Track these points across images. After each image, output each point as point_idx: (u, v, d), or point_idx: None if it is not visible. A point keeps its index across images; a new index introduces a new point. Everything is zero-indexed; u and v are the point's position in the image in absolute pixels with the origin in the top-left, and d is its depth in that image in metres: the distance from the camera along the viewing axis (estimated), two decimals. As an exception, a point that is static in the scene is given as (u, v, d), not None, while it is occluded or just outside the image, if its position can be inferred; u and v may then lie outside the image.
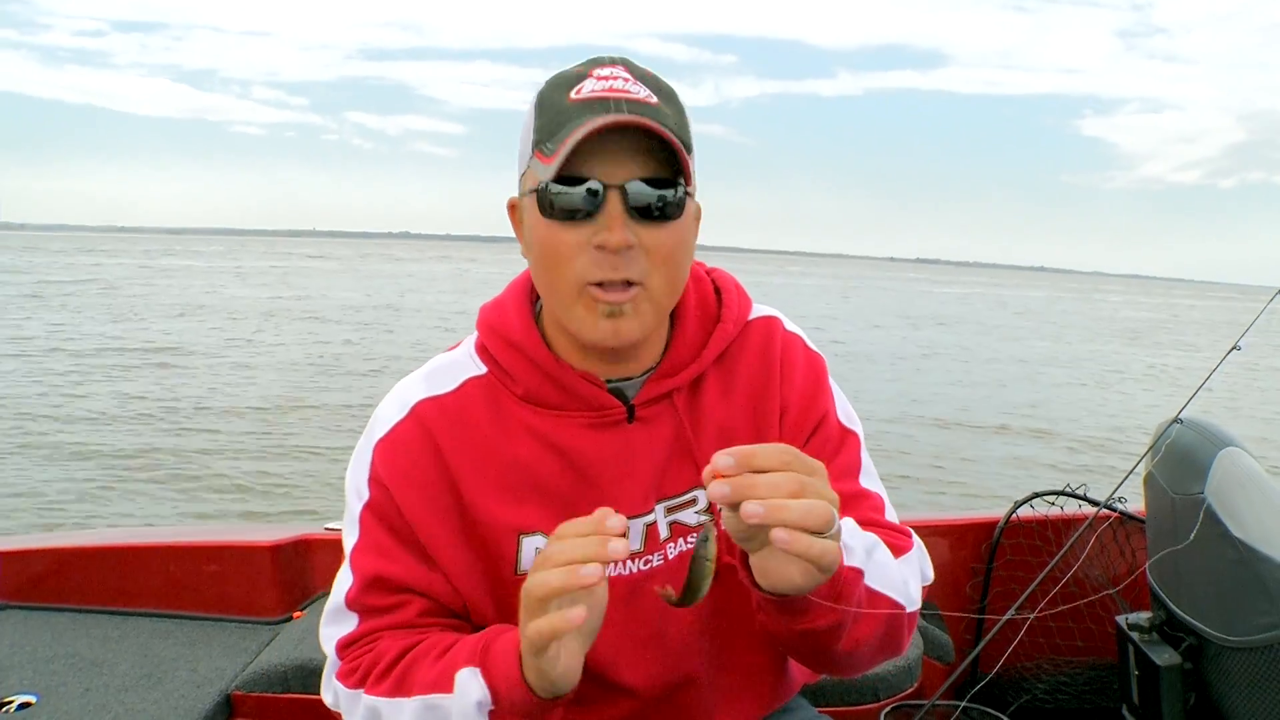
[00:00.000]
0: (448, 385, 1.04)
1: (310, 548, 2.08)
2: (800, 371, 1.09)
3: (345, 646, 1.01)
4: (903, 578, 1.00)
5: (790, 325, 1.13)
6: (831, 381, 1.12)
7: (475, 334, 1.08)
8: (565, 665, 0.83)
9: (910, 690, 1.92)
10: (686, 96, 1.01)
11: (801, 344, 1.12)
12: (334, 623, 1.02)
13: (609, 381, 1.02)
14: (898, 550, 1.02)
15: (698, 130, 1.01)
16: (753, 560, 0.85)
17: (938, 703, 1.92)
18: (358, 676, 0.98)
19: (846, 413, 1.12)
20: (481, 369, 1.04)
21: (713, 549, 0.83)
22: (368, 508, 1.01)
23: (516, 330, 1.02)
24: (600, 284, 0.92)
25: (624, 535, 0.79)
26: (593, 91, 0.92)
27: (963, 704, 1.86)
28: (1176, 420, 1.92)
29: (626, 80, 0.95)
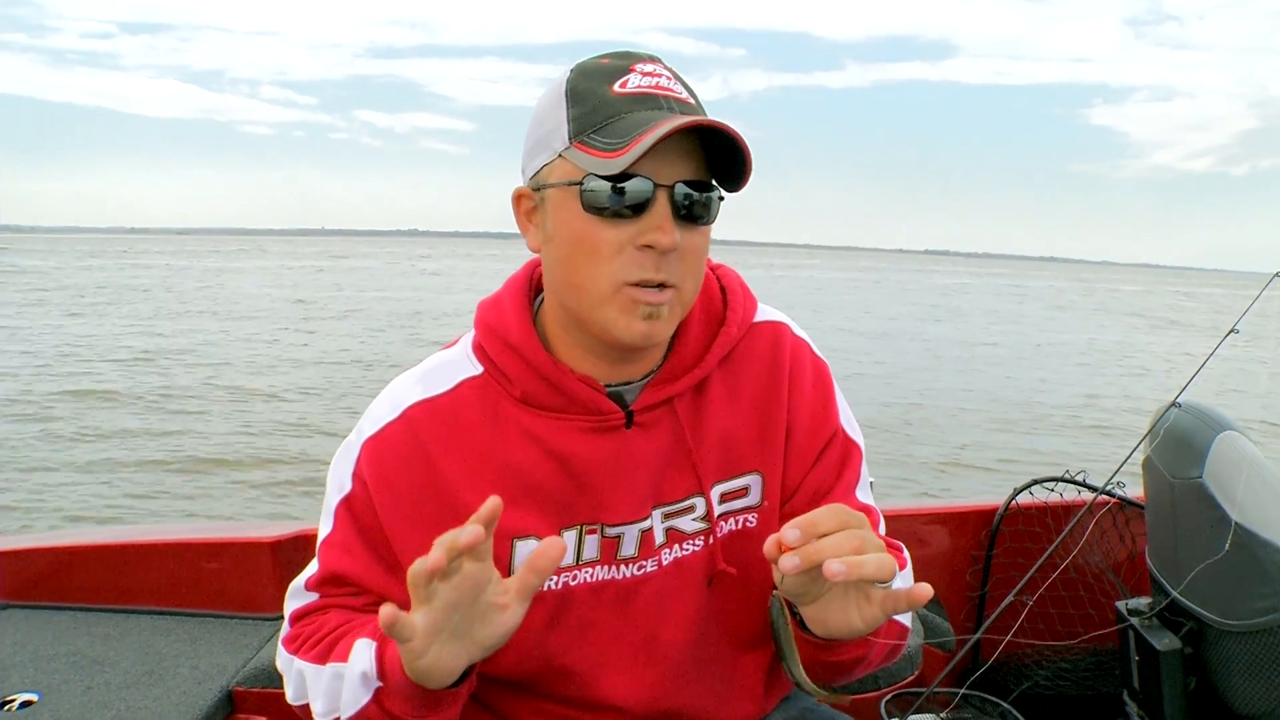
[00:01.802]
0: (442, 386, 1.02)
1: (310, 543, 2.08)
2: (809, 381, 1.09)
3: (298, 618, 1.04)
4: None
5: (798, 330, 1.12)
6: (837, 390, 1.12)
7: (473, 332, 1.06)
8: (431, 661, 0.82)
9: (911, 678, 1.93)
10: (695, 91, 1.00)
11: (809, 351, 1.11)
12: (294, 598, 1.06)
13: (608, 386, 1.01)
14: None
15: None
16: (808, 611, 0.87)
17: (938, 690, 1.92)
18: (298, 643, 1.02)
19: (850, 424, 1.12)
20: (478, 369, 1.02)
21: (786, 614, 0.89)
22: (344, 502, 1.02)
23: (514, 331, 1.00)
24: (638, 284, 0.91)
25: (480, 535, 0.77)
26: (639, 87, 0.91)
27: (963, 691, 1.86)
28: (1174, 404, 1.92)
29: (670, 79, 0.93)
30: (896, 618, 0.99)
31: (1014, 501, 2.33)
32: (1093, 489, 2.21)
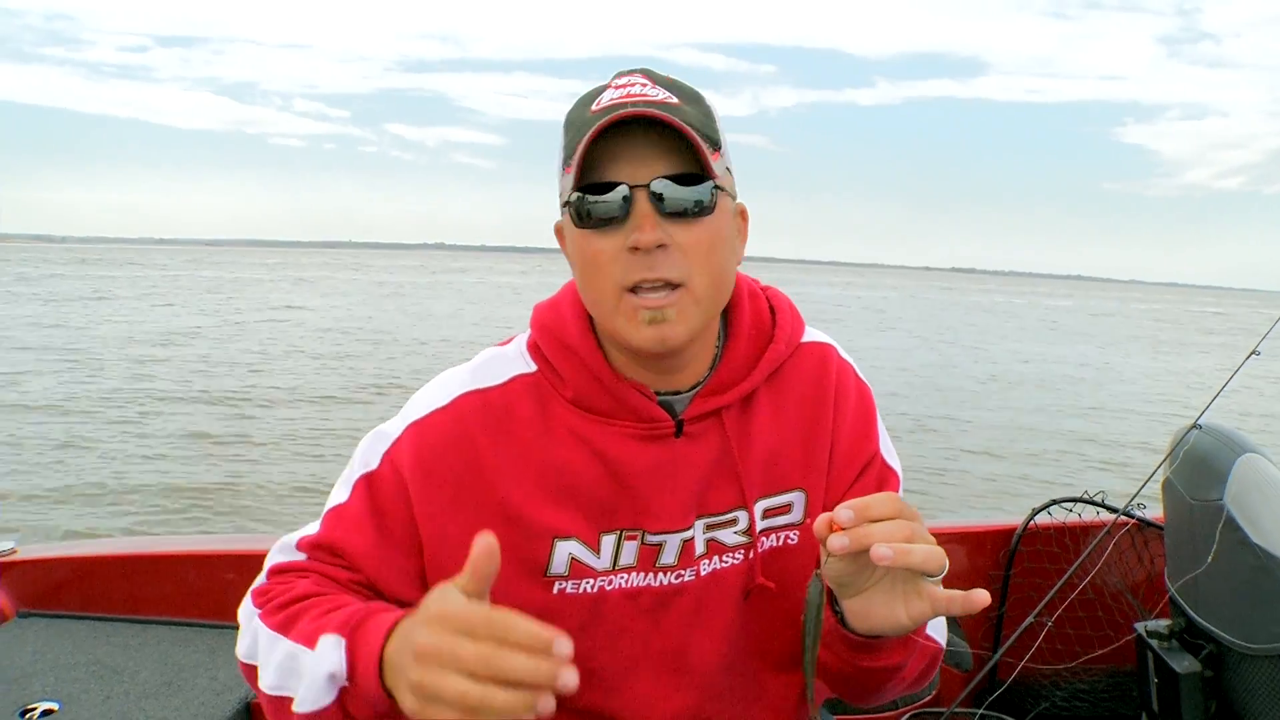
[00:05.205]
0: (495, 379, 1.02)
1: None
2: (853, 404, 1.09)
3: (276, 573, 1.00)
4: (941, 618, 1.03)
5: (843, 353, 1.13)
6: (879, 417, 1.13)
7: (528, 331, 1.06)
8: None
9: (929, 699, 1.92)
10: (724, 107, 1.00)
11: (854, 374, 1.12)
12: (280, 552, 1.02)
13: (658, 394, 1.01)
14: None
15: (735, 140, 0.99)
16: (852, 603, 0.87)
17: (956, 710, 1.91)
18: (265, 599, 0.97)
19: (889, 451, 1.12)
20: (531, 367, 1.03)
21: (822, 597, 0.88)
22: (367, 478, 1.00)
23: (572, 333, 1.01)
24: (636, 289, 0.91)
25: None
26: (611, 100, 0.93)
27: (981, 711, 1.85)
28: (1195, 426, 1.91)
29: (644, 85, 0.94)
30: (931, 632, 0.99)
31: (1032, 521, 2.32)
32: (1112, 510, 2.20)
